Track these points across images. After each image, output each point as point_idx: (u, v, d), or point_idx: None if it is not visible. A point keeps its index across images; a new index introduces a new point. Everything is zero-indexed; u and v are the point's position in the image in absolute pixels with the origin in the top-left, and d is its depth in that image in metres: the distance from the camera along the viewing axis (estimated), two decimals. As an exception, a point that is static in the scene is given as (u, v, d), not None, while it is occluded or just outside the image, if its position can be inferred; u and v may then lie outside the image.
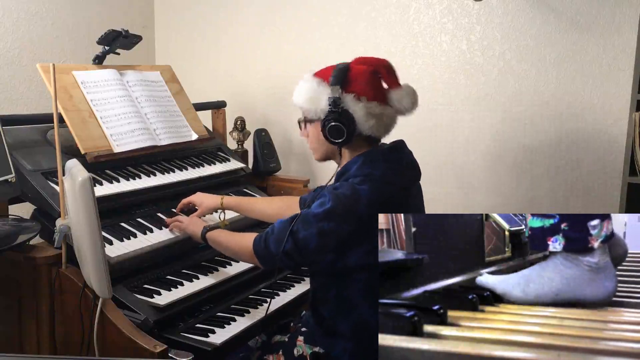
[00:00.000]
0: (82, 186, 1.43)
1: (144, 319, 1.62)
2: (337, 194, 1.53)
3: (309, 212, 1.55)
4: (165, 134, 2.19)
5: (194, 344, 1.63)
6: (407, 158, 1.69)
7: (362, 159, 1.59)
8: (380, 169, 1.56)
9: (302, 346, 1.65)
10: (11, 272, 1.71)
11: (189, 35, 3.17)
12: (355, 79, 1.58)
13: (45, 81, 1.93)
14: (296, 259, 1.57)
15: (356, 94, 1.56)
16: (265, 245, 1.60)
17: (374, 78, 1.61)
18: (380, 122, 1.58)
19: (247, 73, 3.03)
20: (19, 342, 1.75)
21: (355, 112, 1.55)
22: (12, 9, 2.52)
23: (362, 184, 1.53)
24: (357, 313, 1.58)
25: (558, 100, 2.37)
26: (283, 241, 1.54)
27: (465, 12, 2.48)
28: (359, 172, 1.56)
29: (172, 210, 2.08)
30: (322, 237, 1.52)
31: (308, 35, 2.83)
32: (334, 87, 1.56)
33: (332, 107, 1.55)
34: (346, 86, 1.57)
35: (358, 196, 1.52)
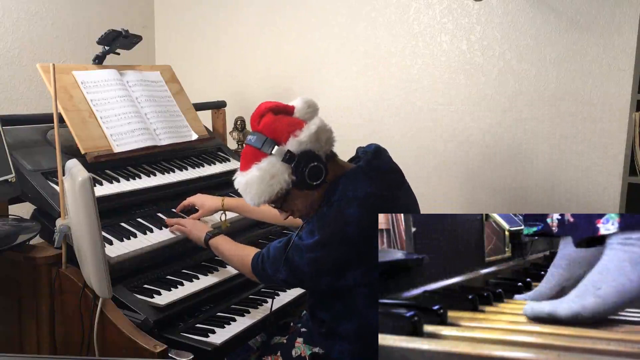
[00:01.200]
0: (82, 186, 1.43)
1: (144, 319, 1.62)
2: (324, 223, 1.51)
3: (300, 242, 1.53)
4: (165, 134, 2.19)
5: (194, 344, 1.63)
6: (386, 165, 1.64)
7: (343, 181, 1.54)
8: (363, 188, 1.51)
9: (301, 347, 1.65)
10: (11, 272, 1.71)
11: (189, 35, 3.17)
12: (273, 128, 1.53)
13: (45, 81, 1.93)
14: (293, 283, 1.62)
15: (287, 134, 1.50)
16: (262, 267, 1.63)
17: (275, 115, 1.56)
18: (326, 136, 1.54)
19: (247, 73, 3.03)
20: (19, 342, 1.75)
21: (303, 146, 1.49)
22: (12, 9, 2.52)
23: (349, 207, 1.49)
24: (358, 318, 1.57)
25: (558, 100, 2.36)
26: (279, 266, 1.56)
27: (465, 12, 2.48)
28: (342, 196, 1.51)
29: (172, 211, 2.08)
30: (316, 264, 1.52)
31: (308, 35, 2.83)
32: (267, 148, 1.51)
33: (290, 160, 1.49)
34: (276, 140, 1.51)
35: (345, 221, 1.48)
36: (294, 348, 1.66)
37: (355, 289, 1.54)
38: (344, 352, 1.59)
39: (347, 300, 1.57)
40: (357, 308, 1.56)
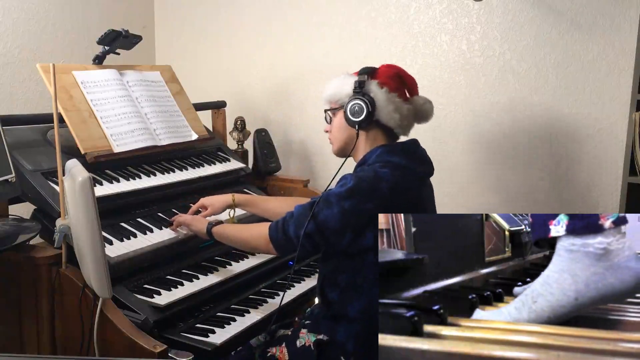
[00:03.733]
0: (82, 186, 1.43)
1: (144, 319, 1.62)
2: (359, 175, 1.62)
3: (330, 192, 1.61)
4: (165, 134, 2.19)
5: (194, 344, 1.63)
6: (422, 154, 1.77)
7: (381, 149, 1.68)
8: (399, 158, 1.65)
9: (305, 337, 1.66)
10: (11, 272, 1.70)
11: (189, 35, 3.17)
12: (382, 72, 1.72)
13: (45, 81, 1.93)
14: (317, 240, 1.60)
15: (380, 82, 1.68)
16: (283, 230, 1.64)
17: (399, 77, 1.73)
18: (399, 115, 1.67)
19: (247, 73, 3.03)
20: (19, 342, 1.75)
21: (376, 96, 1.66)
22: (12, 9, 2.52)
23: (383, 168, 1.61)
24: (366, 297, 1.61)
25: (558, 100, 2.36)
26: (303, 224, 1.58)
27: (465, 12, 2.48)
28: (378, 159, 1.65)
29: (172, 210, 2.08)
30: (344, 216, 1.57)
31: (308, 35, 2.83)
32: (361, 75, 1.70)
33: (356, 89, 1.68)
34: (372, 75, 1.71)
35: (380, 177, 1.59)
36: (299, 339, 1.66)
37: (368, 256, 1.59)
38: (349, 334, 1.62)
39: (358, 274, 1.62)
40: (365, 285, 1.61)
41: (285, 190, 2.59)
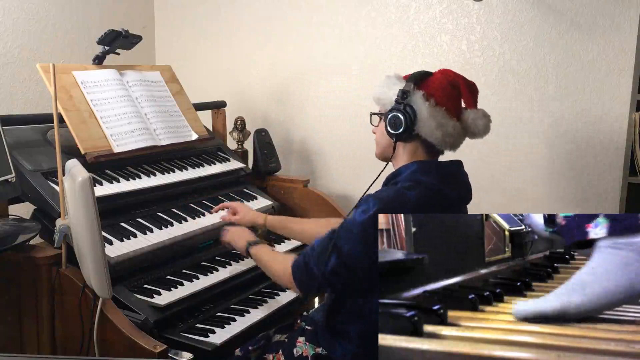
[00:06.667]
0: (82, 186, 1.43)
1: (144, 319, 1.62)
2: (382, 198, 1.48)
3: (352, 220, 1.48)
4: (165, 134, 2.19)
5: (194, 344, 1.63)
6: (462, 178, 1.65)
7: (417, 165, 1.55)
8: (431, 179, 1.51)
9: (303, 347, 1.65)
10: (11, 272, 1.70)
11: (189, 35, 3.17)
12: (432, 82, 1.58)
13: (45, 81, 1.93)
14: (343, 275, 1.48)
15: (427, 94, 1.54)
16: (306, 267, 1.53)
17: (451, 89, 1.58)
18: (442, 132, 1.53)
19: (247, 73, 3.03)
20: (19, 342, 1.75)
21: (419, 109, 1.52)
22: (12, 9, 2.52)
23: (411, 190, 1.48)
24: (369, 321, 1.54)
25: (558, 100, 2.36)
26: (325, 257, 1.47)
27: (465, 12, 2.48)
28: (410, 177, 1.52)
29: (172, 210, 2.08)
30: (367, 246, 1.44)
31: (308, 35, 2.83)
32: (408, 83, 1.57)
33: (399, 99, 1.55)
34: (419, 84, 1.57)
35: (404, 200, 1.46)
36: (296, 347, 1.65)
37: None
38: (347, 353, 1.58)
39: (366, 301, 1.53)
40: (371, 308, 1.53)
41: (285, 190, 2.59)
